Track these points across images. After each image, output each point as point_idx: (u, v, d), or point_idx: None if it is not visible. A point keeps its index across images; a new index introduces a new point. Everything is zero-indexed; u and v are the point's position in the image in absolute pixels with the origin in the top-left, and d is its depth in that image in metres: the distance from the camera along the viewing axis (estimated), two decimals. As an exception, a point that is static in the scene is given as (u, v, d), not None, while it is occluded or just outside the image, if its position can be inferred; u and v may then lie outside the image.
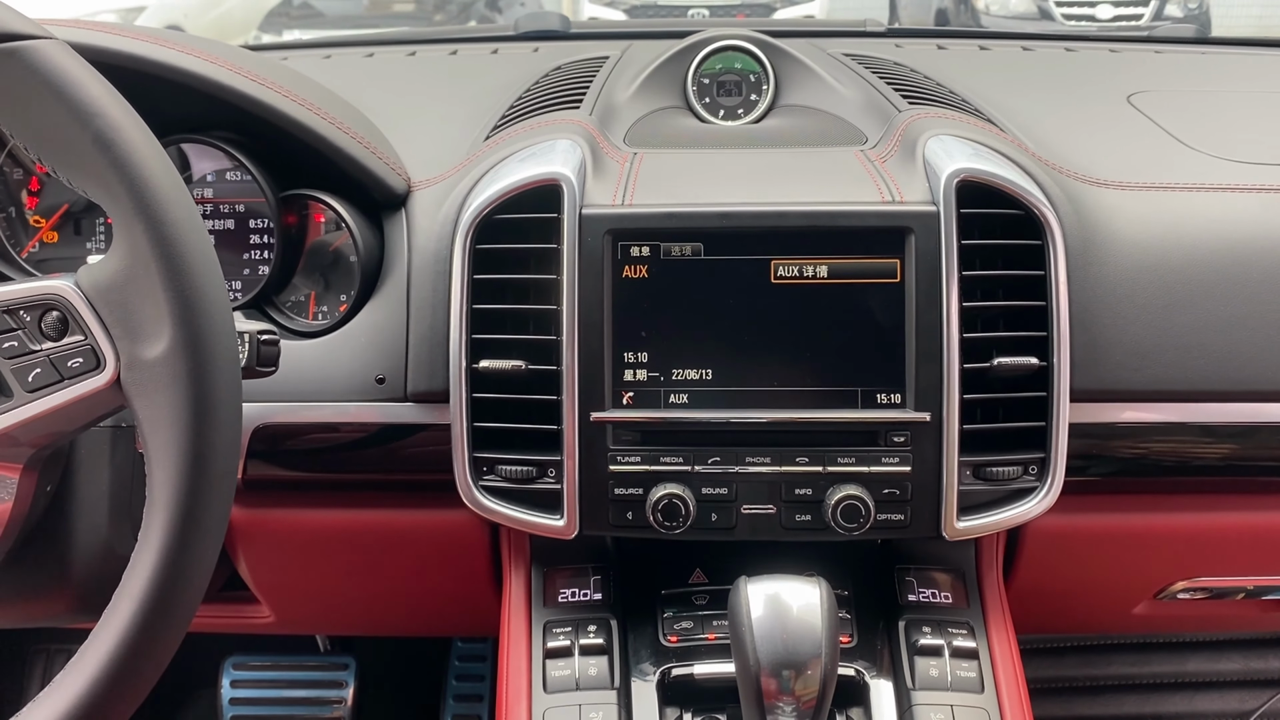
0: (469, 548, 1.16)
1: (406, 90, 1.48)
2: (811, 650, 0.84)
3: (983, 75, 1.45)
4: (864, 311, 1.00)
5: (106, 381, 0.76)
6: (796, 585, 0.87)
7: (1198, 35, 1.79)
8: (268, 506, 1.14)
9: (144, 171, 0.74)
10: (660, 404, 1.01)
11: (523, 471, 1.01)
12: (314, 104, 1.10)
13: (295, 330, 1.14)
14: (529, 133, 1.14)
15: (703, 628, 1.05)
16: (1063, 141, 1.19)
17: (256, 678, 1.86)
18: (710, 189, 1.06)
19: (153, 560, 0.73)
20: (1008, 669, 1.03)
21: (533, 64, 1.51)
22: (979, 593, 1.10)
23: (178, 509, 0.74)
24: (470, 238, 1.01)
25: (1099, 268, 1.06)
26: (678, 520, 1.00)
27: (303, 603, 1.30)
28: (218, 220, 1.16)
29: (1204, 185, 1.13)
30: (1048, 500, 1.01)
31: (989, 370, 1.00)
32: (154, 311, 0.74)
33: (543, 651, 1.03)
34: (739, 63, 1.36)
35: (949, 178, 1.00)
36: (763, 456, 1.01)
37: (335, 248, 1.15)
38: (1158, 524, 1.15)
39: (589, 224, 1.00)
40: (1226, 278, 1.07)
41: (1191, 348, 1.06)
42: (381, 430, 1.09)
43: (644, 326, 1.01)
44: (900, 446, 1.00)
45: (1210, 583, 1.22)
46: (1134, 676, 1.85)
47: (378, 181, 1.11)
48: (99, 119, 0.74)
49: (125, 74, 1.02)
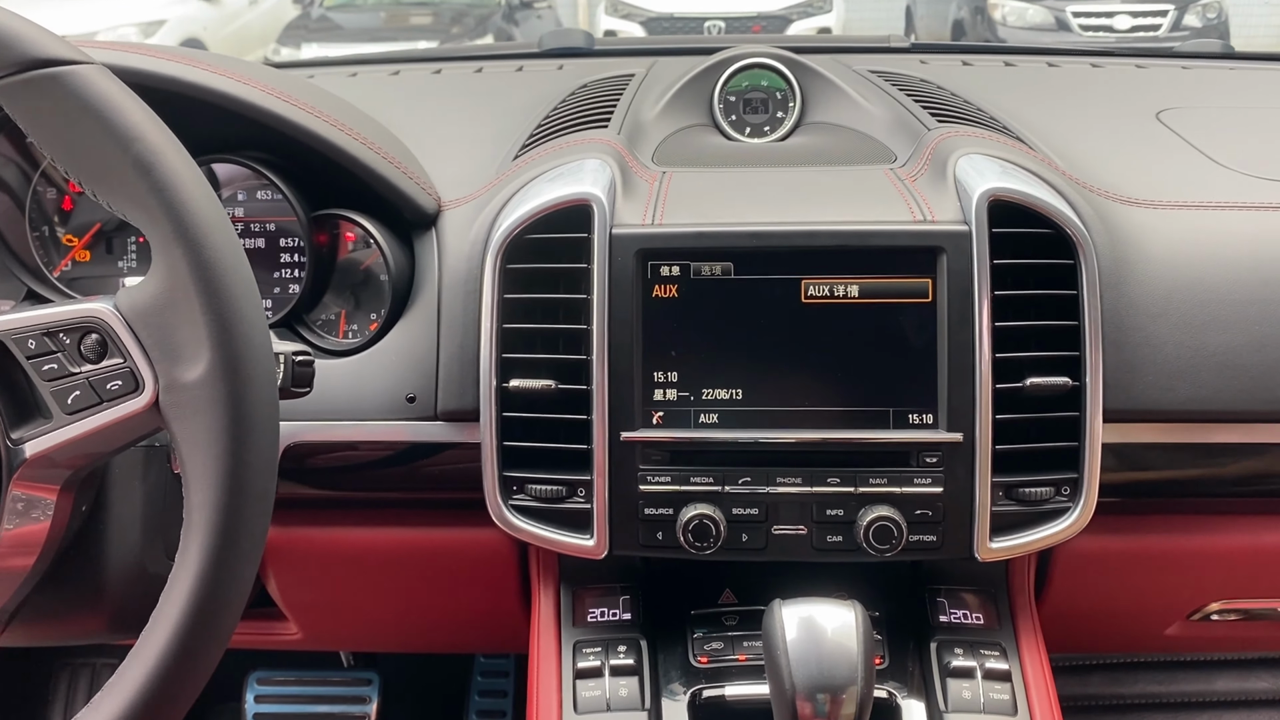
0: (498, 566, 1.16)
1: (433, 108, 1.49)
2: (847, 674, 0.83)
3: (1009, 92, 1.45)
4: (895, 331, 0.99)
5: (145, 404, 0.77)
6: (831, 608, 0.86)
7: (1224, 51, 1.78)
8: (298, 525, 1.14)
9: (183, 195, 0.75)
10: (690, 424, 1.01)
11: (552, 491, 1.01)
12: (345, 124, 1.11)
13: (326, 349, 1.14)
14: (558, 152, 1.14)
15: (733, 649, 1.05)
16: (1093, 160, 1.18)
17: (280, 692, 1.86)
18: (740, 208, 1.06)
19: (190, 583, 0.74)
20: (1040, 691, 1.02)
21: (558, 82, 1.51)
22: (1011, 614, 1.09)
23: (216, 531, 0.74)
24: (501, 257, 1.01)
25: (1131, 287, 1.06)
26: (708, 541, 1.00)
27: (330, 620, 1.30)
28: (249, 239, 1.17)
29: (1236, 203, 1.12)
30: (1080, 521, 1.00)
31: (1021, 390, 0.99)
32: (192, 334, 0.74)
33: (573, 671, 1.03)
34: (765, 80, 1.36)
35: (981, 197, 0.99)
36: (794, 477, 1.00)
37: (366, 267, 1.15)
38: (1191, 545, 1.14)
39: (619, 244, 1.00)
40: (1260, 297, 1.06)
41: (1225, 368, 1.05)
42: (411, 449, 1.09)
43: (674, 346, 1.00)
44: (932, 467, 0.99)
45: (1245, 604, 1.21)
46: (1161, 695, 1.83)
47: (408, 201, 1.11)
48: (139, 143, 0.74)
49: (159, 95, 1.03)
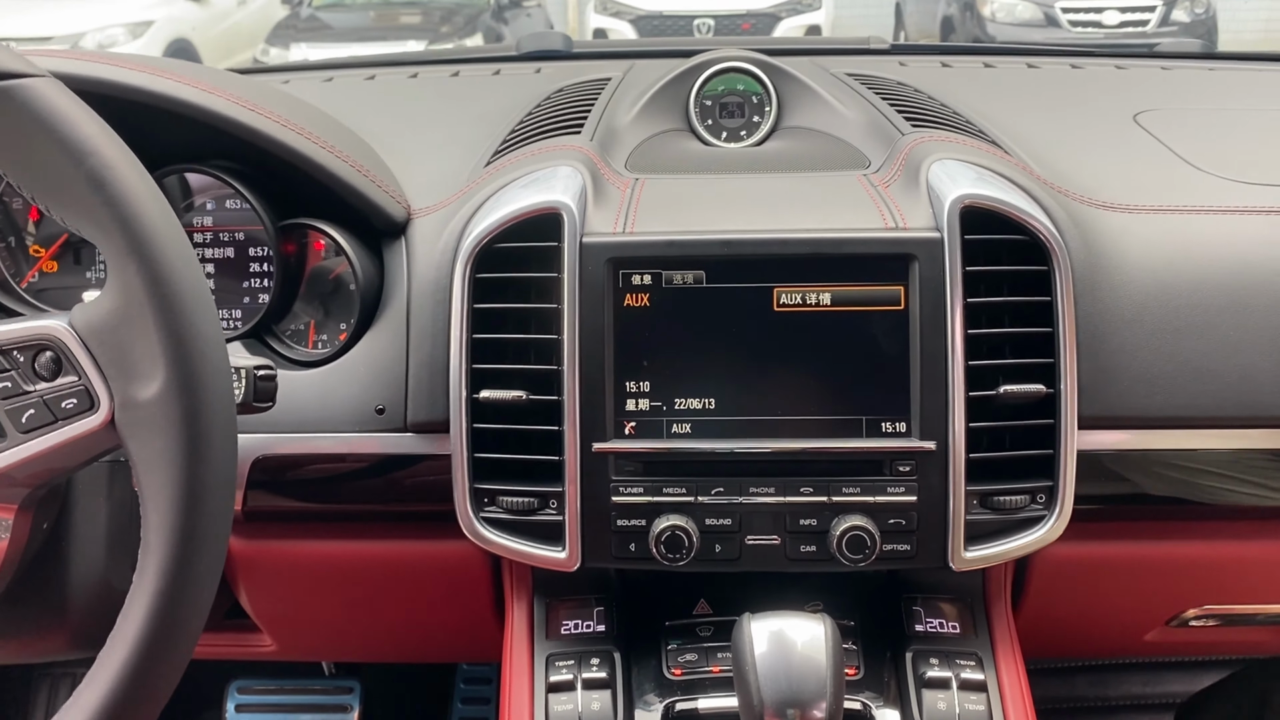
0: (471, 579, 1.15)
1: (408, 114, 1.48)
2: (816, 689, 0.82)
3: (987, 94, 1.44)
4: (868, 339, 0.99)
5: (100, 422, 0.76)
6: (801, 621, 0.85)
7: (1204, 50, 1.78)
8: (268, 537, 1.13)
9: (137, 210, 0.73)
10: (663, 434, 1.00)
11: (524, 503, 1.00)
12: (312, 132, 1.10)
13: (295, 360, 1.13)
14: (529, 159, 1.13)
15: (707, 660, 1.04)
16: (1068, 163, 1.17)
17: (261, 701, 1.84)
18: (712, 216, 1.05)
19: (147, 603, 0.73)
20: (1016, 702, 1.01)
21: (535, 85, 1.50)
22: (987, 623, 1.08)
23: (172, 550, 0.73)
24: (470, 266, 1.00)
25: (1106, 293, 1.05)
26: (681, 552, 0.99)
27: (304, 632, 1.29)
28: (217, 249, 1.16)
29: (1212, 207, 1.11)
30: (1056, 529, 1.00)
31: (995, 398, 0.98)
32: (147, 351, 0.73)
33: (545, 685, 1.02)
34: (741, 84, 1.35)
35: (953, 203, 0.98)
36: (767, 487, 0.99)
37: (335, 276, 1.14)
38: (1169, 552, 1.13)
39: (590, 253, 0.99)
40: (1236, 301, 1.05)
41: (1201, 373, 1.04)
42: (382, 461, 1.08)
43: (646, 355, 0.99)
44: (906, 476, 0.98)
45: (1223, 610, 1.20)
46: (1146, 697, 1.83)
47: (377, 210, 1.10)
48: (92, 158, 0.73)
49: (121, 104, 1.02)
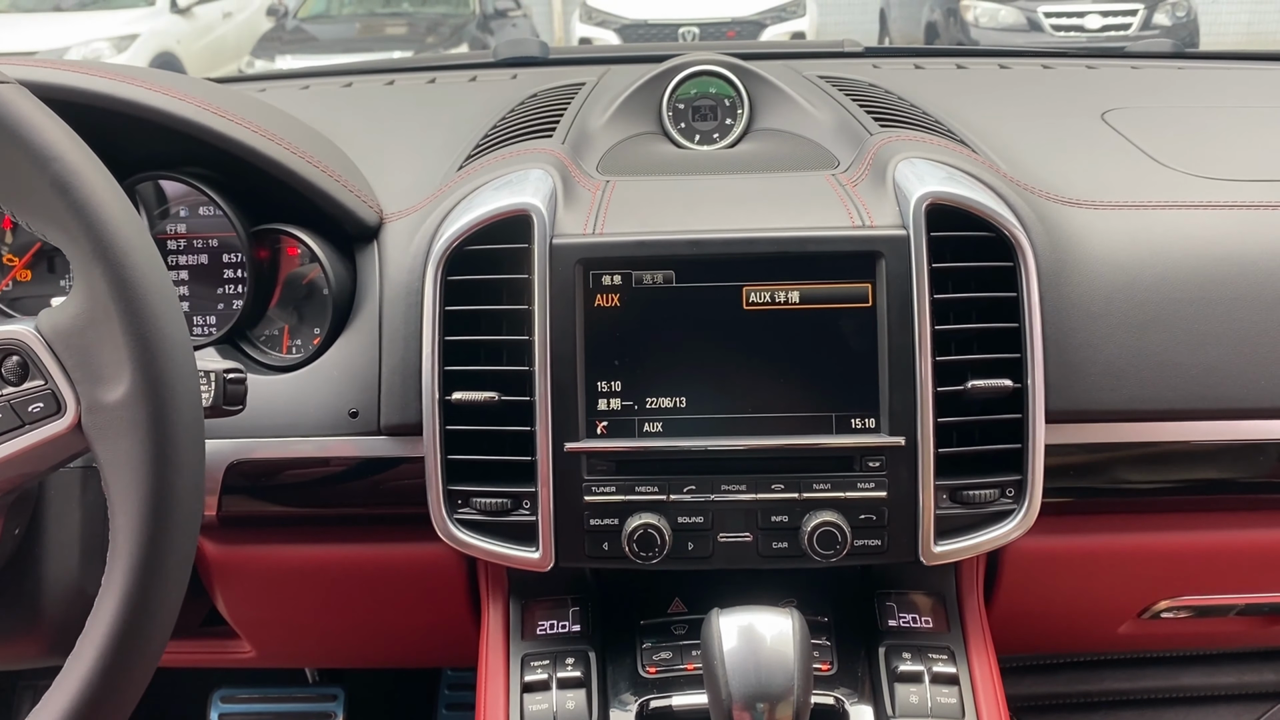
0: (447, 581, 1.15)
1: (383, 120, 1.48)
2: (784, 682, 0.83)
3: (958, 95, 1.45)
4: (837, 337, 0.99)
5: (67, 426, 0.76)
6: (769, 616, 0.86)
7: (1174, 50, 1.79)
8: (244, 543, 1.13)
9: (102, 214, 0.74)
10: (634, 433, 1.00)
11: (497, 504, 1.01)
12: (283, 138, 1.10)
13: (269, 365, 1.13)
14: (501, 162, 1.14)
15: (682, 658, 1.04)
16: (1036, 161, 1.19)
17: (244, 710, 1.84)
18: (681, 216, 1.06)
19: (115, 606, 0.73)
20: (988, 694, 1.02)
21: (510, 91, 1.50)
22: (960, 617, 1.09)
23: (140, 553, 0.73)
24: (441, 269, 1.01)
25: (1072, 288, 1.06)
26: (654, 550, 0.99)
27: (283, 637, 1.29)
28: (191, 255, 1.16)
29: (1177, 203, 1.13)
30: (1026, 522, 1.01)
31: (963, 393, 0.99)
32: (114, 355, 0.74)
33: (520, 685, 1.03)
34: (714, 87, 1.36)
35: (918, 201, 0.99)
36: (738, 484, 1.00)
37: (308, 281, 1.14)
38: (1138, 543, 1.14)
39: (559, 254, 0.99)
40: (1201, 295, 1.06)
41: (1166, 366, 1.05)
42: (356, 464, 1.08)
43: (617, 355, 1.00)
44: (876, 472, 0.99)
45: (1194, 601, 1.21)
46: (1128, 692, 1.84)
47: (349, 214, 1.11)
48: (56, 163, 0.73)
49: (94, 112, 1.02)
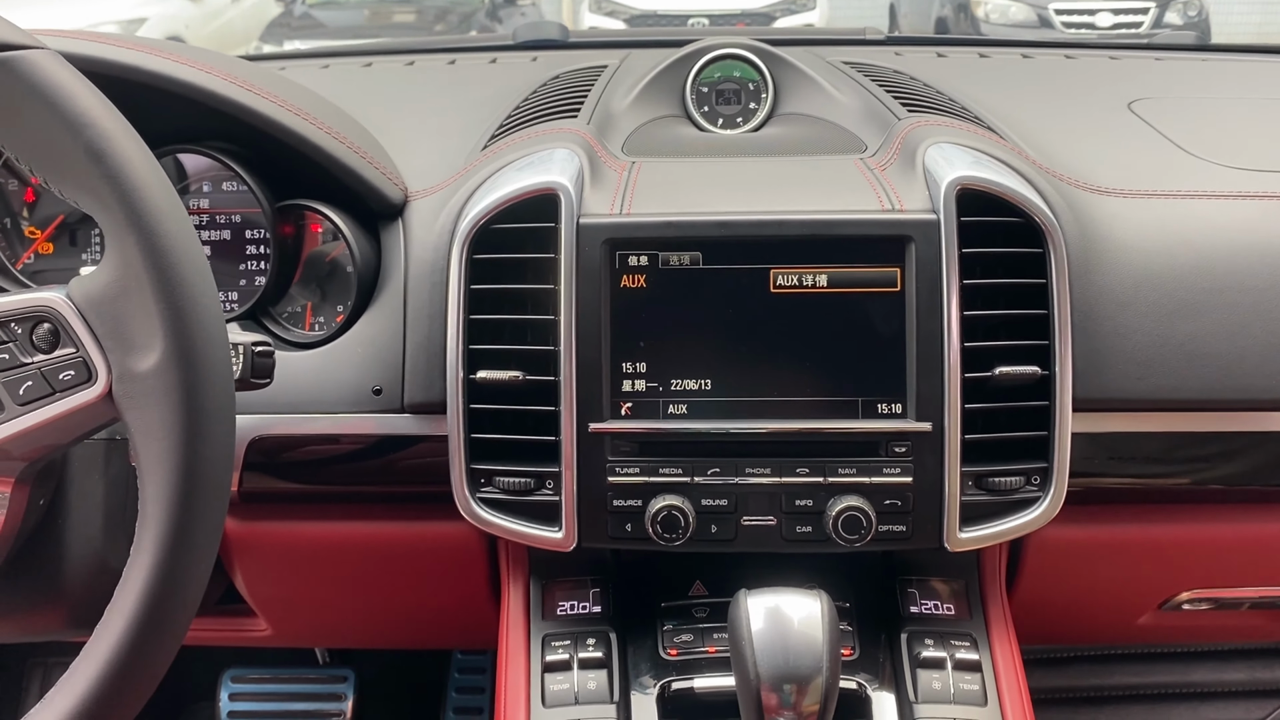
0: (467, 560, 1.15)
1: (404, 100, 1.48)
2: (813, 664, 0.83)
3: (982, 83, 1.44)
4: (864, 321, 0.99)
5: (98, 394, 0.76)
6: (797, 598, 0.86)
7: (1198, 43, 1.78)
8: (264, 519, 1.13)
9: (136, 182, 0.73)
10: (659, 415, 1.00)
11: (520, 483, 1.01)
12: (310, 114, 1.10)
13: (292, 341, 1.13)
14: (526, 142, 1.13)
15: (703, 641, 1.04)
16: (1063, 149, 1.18)
17: (255, 690, 1.85)
18: (709, 198, 1.05)
19: (145, 575, 0.72)
20: (1011, 681, 1.01)
21: (531, 73, 1.50)
22: (982, 604, 1.09)
23: (170, 523, 0.73)
24: (467, 247, 1.00)
25: (1100, 275, 1.05)
26: (677, 532, 0.99)
27: (300, 616, 1.29)
28: (214, 231, 1.16)
29: (1206, 192, 1.12)
30: (1050, 511, 1.00)
31: (990, 379, 0.99)
32: (146, 324, 0.73)
33: (541, 665, 1.02)
34: (738, 71, 1.36)
35: (949, 186, 0.99)
36: (763, 467, 1.00)
37: (332, 258, 1.14)
38: (1162, 534, 1.14)
39: (586, 234, 0.99)
40: (1229, 285, 1.06)
41: (1194, 356, 1.05)
42: (378, 442, 1.08)
43: (642, 337, 1.00)
44: (901, 457, 0.99)
45: (1216, 593, 1.21)
46: (1139, 686, 1.83)
47: (374, 191, 1.10)
48: (90, 129, 0.73)
49: (120, 84, 1.01)
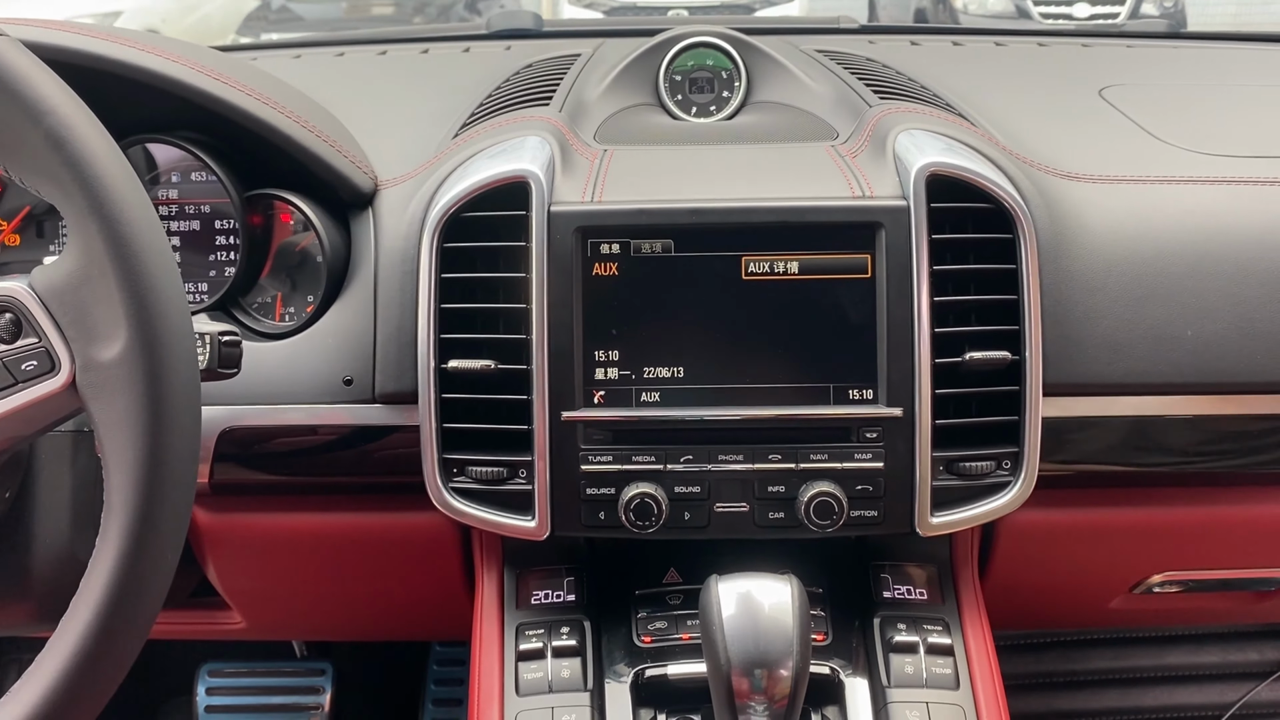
0: (441, 550, 1.14)
1: (376, 89, 1.47)
2: (783, 649, 0.83)
3: (955, 70, 1.45)
4: (835, 307, 0.99)
5: (62, 384, 0.75)
6: (768, 583, 0.86)
7: (1170, 30, 1.79)
8: (236, 510, 1.12)
9: (98, 170, 0.73)
10: (632, 402, 1.00)
11: (493, 472, 1.00)
12: (278, 102, 1.09)
13: (262, 332, 1.12)
14: (497, 130, 1.13)
15: (677, 628, 1.04)
16: (1034, 135, 1.18)
17: (232, 684, 1.84)
18: (681, 185, 1.05)
19: (109, 567, 0.72)
20: (983, 665, 1.02)
21: (504, 62, 1.49)
22: (954, 589, 1.09)
23: (135, 514, 0.72)
24: (438, 236, 1.00)
25: (1070, 261, 1.06)
26: (650, 519, 0.99)
27: (274, 608, 1.28)
28: (183, 221, 1.14)
29: (1175, 178, 1.13)
30: (1021, 495, 1.01)
31: (961, 365, 0.99)
32: (109, 313, 0.73)
33: (515, 654, 1.02)
34: (711, 59, 1.35)
35: (919, 172, 0.99)
36: (735, 454, 1.00)
37: (302, 248, 1.13)
38: (1132, 517, 1.15)
39: (558, 221, 0.99)
40: (1198, 269, 1.06)
41: (1164, 340, 1.05)
42: (350, 432, 1.07)
43: (615, 324, 1.00)
44: (873, 442, 0.99)
45: (1185, 575, 1.22)
46: (1114, 671, 1.85)
47: (343, 180, 1.10)
48: (51, 116, 0.72)
49: (86, 74, 1.00)
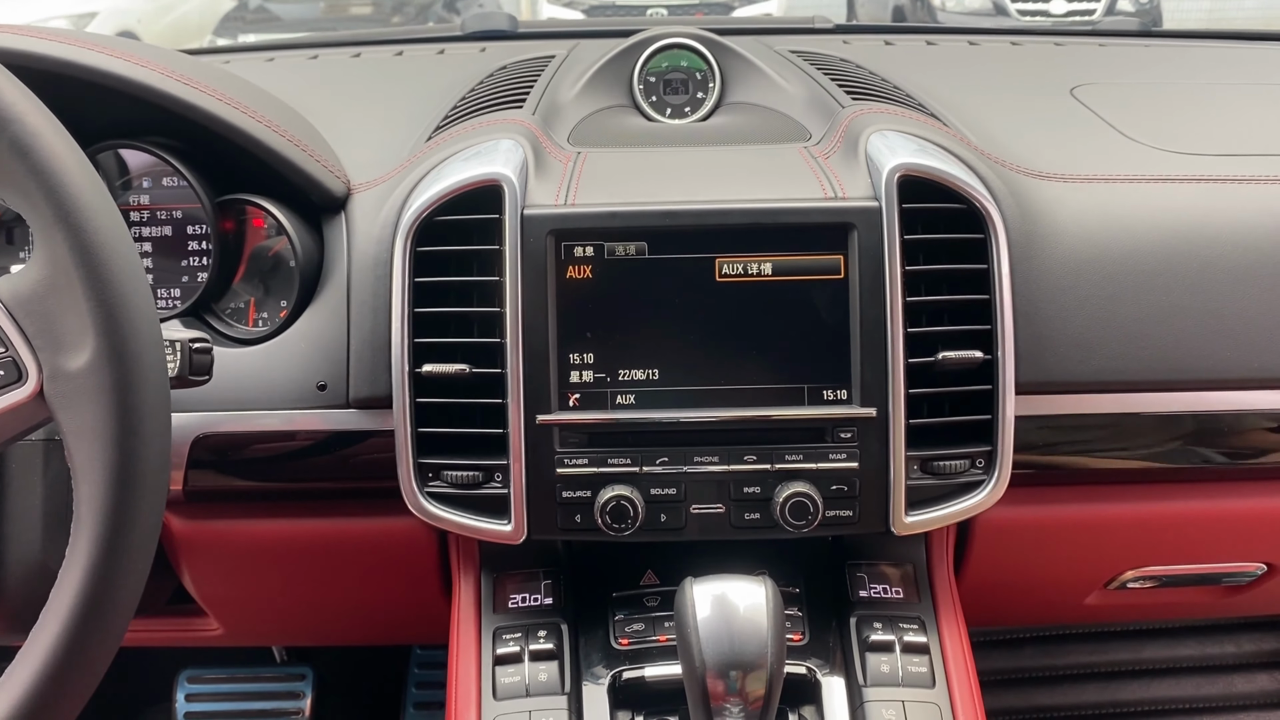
0: (418, 555, 1.14)
1: (349, 92, 1.46)
2: (758, 650, 0.83)
3: (928, 70, 1.45)
4: (809, 308, 0.99)
5: (29, 394, 0.74)
6: (742, 585, 0.86)
7: (1142, 29, 1.80)
8: (211, 517, 1.12)
9: (63, 178, 0.72)
10: (607, 405, 1.00)
11: (469, 477, 1.00)
12: (249, 107, 1.08)
13: (236, 338, 1.11)
14: (471, 133, 1.13)
15: (654, 630, 1.04)
16: (1006, 135, 1.19)
17: (212, 690, 1.83)
18: (654, 188, 1.05)
19: (80, 577, 0.71)
20: (959, 663, 1.03)
21: (479, 64, 1.49)
22: (930, 587, 1.10)
23: (105, 523, 0.72)
24: (410, 240, 0.99)
25: (1042, 260, 1.07)
26: (626, 522, 0.99)
27: (251, 614, 1.27)
28: (154, 227, 1.14)
29: (1144, 176, 1.13)
30: (995, 493, 1.01)
31: (934, 365, 0.99)
32: (76, 321, 0.72)
33: (492, 658, 1.02)
34: (685, 61, 1.36)
35: (890, 173, 0.99)
36: (711, 455, 1.00)
37: (274, 253, 1.13)
38: (1105, 514, 1.15)
39: (531, 224, 0.99)
40: (1168, 267, 1.07)
41: (1135, 338, 1.06)
42: (325, 438, 1.07)
43: (589, 327, 1.00)
44: (847, 443, 0.99)
45: (1159, 571, 1.23)
46: (1092, 665, 1.87)
47: (315, 184, 1.09)
48: (15, 124, 0.72)
49: (54, 80, 1.00)
